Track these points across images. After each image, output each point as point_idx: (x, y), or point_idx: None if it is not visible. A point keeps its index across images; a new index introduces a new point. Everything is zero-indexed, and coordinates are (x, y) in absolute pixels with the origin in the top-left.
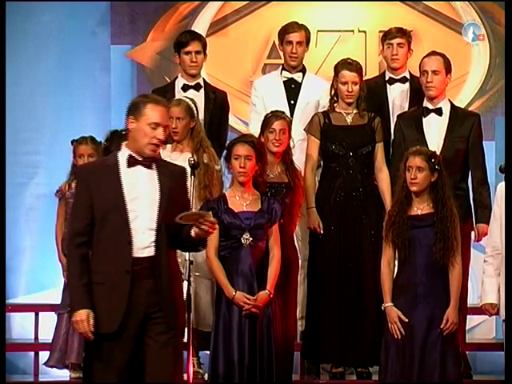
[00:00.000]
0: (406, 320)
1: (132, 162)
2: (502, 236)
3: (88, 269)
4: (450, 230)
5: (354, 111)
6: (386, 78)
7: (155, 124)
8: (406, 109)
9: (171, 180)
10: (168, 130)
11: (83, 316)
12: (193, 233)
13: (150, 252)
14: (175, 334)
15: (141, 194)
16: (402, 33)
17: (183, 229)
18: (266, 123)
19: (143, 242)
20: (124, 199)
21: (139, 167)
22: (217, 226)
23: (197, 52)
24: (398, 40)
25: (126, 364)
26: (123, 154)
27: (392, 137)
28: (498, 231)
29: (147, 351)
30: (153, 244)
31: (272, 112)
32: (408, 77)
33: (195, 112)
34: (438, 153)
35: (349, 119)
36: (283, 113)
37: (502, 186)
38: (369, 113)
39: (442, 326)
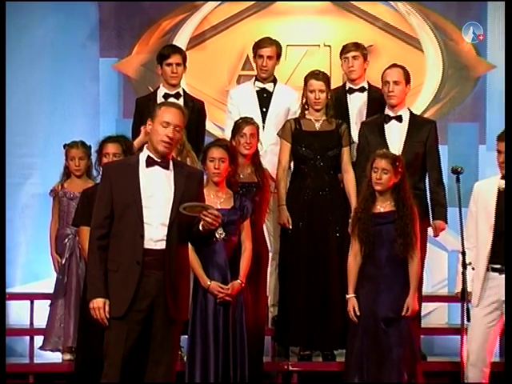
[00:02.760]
0: (358, 313)
1: (150, 163)
2: (477, 231)
3: (106, 259)
4: (409, 226)
5: (323, 118)
6: (346, 88)
7: (166, 123)
8: (365, 115)
9: (187, 180)
10: (181, 131)
11: (99, 304)
12: (201, 227)
13: (161, 245)
14: (176, 326)
15: (156, 192)
16: (356, 46)
17: (194, 225)
18: (237, 128)
19: (156, 235)
20: (140, 196)
21: (157, 167)
22: (220, 219)
23: (177, 64)
24: (352, 53)
25: (134, 347)
26: (143, 155)
27: (354, 141)
28: (474, 226)
29: (151, 340)
30: (165, 238)
31: (242, 118)
32: (366, 87)
33: None
34: None
35: (318, 125)
36: (252, 119)
37: (477, 185)
38: (336, 120)
39: (402, 313)
